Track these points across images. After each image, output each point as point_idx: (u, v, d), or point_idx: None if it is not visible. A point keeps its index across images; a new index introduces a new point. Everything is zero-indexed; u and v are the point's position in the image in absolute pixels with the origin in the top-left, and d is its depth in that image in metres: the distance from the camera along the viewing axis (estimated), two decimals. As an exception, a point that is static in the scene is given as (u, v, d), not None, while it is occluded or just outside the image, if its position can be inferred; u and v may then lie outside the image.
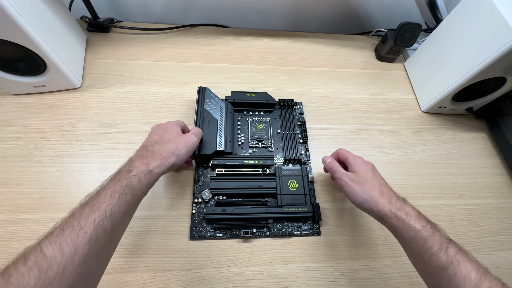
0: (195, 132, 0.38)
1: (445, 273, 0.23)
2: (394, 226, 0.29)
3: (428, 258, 0.25)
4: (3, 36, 0.37)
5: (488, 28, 0.42)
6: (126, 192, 0.27)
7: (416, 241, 0.26)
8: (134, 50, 0.56)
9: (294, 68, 0.59)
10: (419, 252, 0.26)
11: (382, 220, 0.31)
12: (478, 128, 0.56)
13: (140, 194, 0.29)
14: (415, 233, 0.27)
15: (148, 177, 0.30)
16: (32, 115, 0.45)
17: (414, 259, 0.29)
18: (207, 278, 0.37)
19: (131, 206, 0.28)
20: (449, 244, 0.25)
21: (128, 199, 0.27)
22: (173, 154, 0.32)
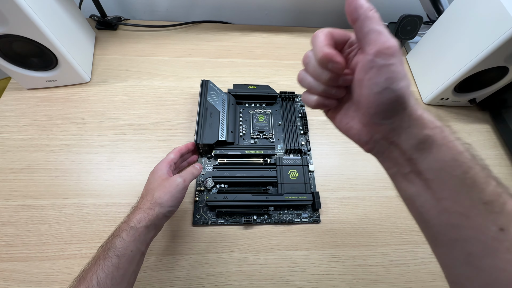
0: (186, 172, 0.35)
1: (487, 211, 0.16)
2: (431, 139, 0.18)
3: (468, 189, 0.17)
4: (19, 32, 0.39)
5: (488, 17, 0.42)
6: (110, 255, 0.26)
7: (457, 166, 0.17)
8: (140, 46, 0.58)
9: (296, 62, 0.60)
10: (456, 183, 0.17)
11: (413, 128, 0.18)
12: (481, 120, 0.56)
13: (130, 253, 0.27)
14: (459, 152, 0.18)
15: (132, 233, 0.28)
16: (44, 108, 0.48)
17: (434, 192, 0.18)
18: (209, 263, 0.38)
19: (122, 269, 0.27)
20: (489, 170, 0.18)
21: (115, 262, 0.26)
22: (155, 204, 0.31)
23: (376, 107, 0.19)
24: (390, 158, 0.21)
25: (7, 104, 0.47)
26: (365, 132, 0.21)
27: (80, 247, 0.37)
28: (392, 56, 0.17)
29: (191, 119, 0.49)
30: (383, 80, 0.17)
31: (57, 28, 0.43)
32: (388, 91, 0.18)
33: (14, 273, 0.35)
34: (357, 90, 0.20)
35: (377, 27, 0.18)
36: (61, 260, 0.36)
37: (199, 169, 0.37)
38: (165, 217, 0.32)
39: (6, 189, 0.40)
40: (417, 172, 0.19)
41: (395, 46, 0.17)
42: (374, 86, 0.18)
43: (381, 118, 0.19)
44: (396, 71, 0.17)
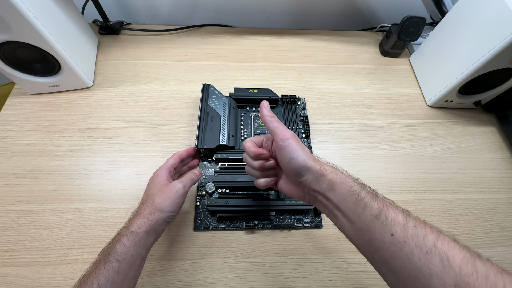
0: (186, 178, 0.35)
1: (378, 222, 0.22)
2: (332, 182, 0.26)
3: (362, 209, 0.24)
4: (23, 39, 0.39)
5: (493, 18, 0.41)
6: (111, 260, 0.27)
7: (351, 194, 0.25)
8: (142, 50, 0.58)
9: (297, 65, 0.60)
10: (354, 206, 0.24)
11: (320, 177, 0.27)
12: (487, 122, 0.55)
13: (130, 258, 0.28)
14: (350, 186, 0.25)
15: (132, 238, 0.29)
16: (47, 113, 0.48)
17: (347, 217, 0.25)
18: (210, 268, 0.38)
19: (122, 273, 0.27)
20: (376, 193, 0.25)
21: (115, 267, 0.27)
22: (155, 210, 0.31)
23: (291, 171, 0.28)
24: (319, 202, 0.28)
25: (11, 110, 0.48)
26: (299, 190, 0.30)
27: (82, 252, 0.37)
28: (289, 139, 0.28)
29: (193, 123, 0.49)
30: (287, 154, 0.28)
31: (59, 34, 0.43)
32: (293, 160, 0.27)
33: (17, 278, 0.35)
34: (281, 165, 0.30)
35: (277, 124, 0.29)
36: (63, 265, 0.36)
37: (199, 175, 0.38)
38: (165, 222, 0.32)
39: (9, 194, 0.40)
40: (335, 206, 0.26)
41: (289, 134, 0.28)
42: (284, 159, 0.28)
43: (298, 177, 0.28)
44: (293, 147, 0.27)
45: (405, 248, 0.20)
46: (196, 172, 0.38)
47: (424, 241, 0.20)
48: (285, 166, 0.29)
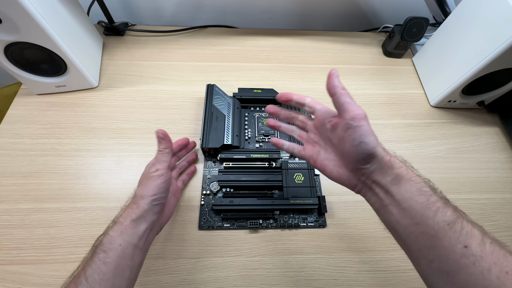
0: (154, 158, 0.34)
1: (451, 230, 0.20)
2: (400, 177, 0.24)
3: (433, 213, 0.21)
4: (30, 40, 0.40)
5: (496, 18, 0.42)
6: (97, 251, 0.26)
7: (421, 194, 0.22)
8: (147, 51, 0.59)
9: (301, 65, 0.60)
10: (423, 208, 0.22)
11: (387, 169, 0.24)
12: (490, 122, 0.55)
13: (118, 247, 0.27)
14: (421, 185, 0.23)
15: (117, 228, 0.28)
16: (53, 113, 0.49)
17: (409, 217, 0.23)
18: (214, 267, 0.38)
19: (111, 263, 0.26)
20: (447, 199, 0.23)
21: (101, 257, 0.26)
22: (137, 199, 0.30)
23: (356, 156, 0.25)
24: (374, 194, 0.26)
25: (17, 110, 0.48)
26: (353, 176, 0.27)
27: (88, 250, 0.38)
28: (362, 120, 0.24)
29: (197, 123, 0.50)
30: (358, 136, 0.24)
31: (66, 35, 0.44)
32: (363, 144, 0.24)
33: (25, 275, 0.36)
34: (341, 146, 0.27)
35: (349, 100, 0.25)
36: (70, 263, 0.37)
37: (167, 142, 0.34)
38: (154, 207, 0.30)
39: (16, 193, 0.41)
40: (395, 203, 0.24)
41: (364, 113, 0.25)
42: (352, 141, 0.25)
43: (361, 164, 0.25)
44: (366, 130, 0.24)
45: (481, 263, 0.19)
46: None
47: (505, 260, 0.19)
48: (349, 149, 0.25)
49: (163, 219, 0.34)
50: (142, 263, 0.30)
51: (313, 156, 0.30)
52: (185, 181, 0.42)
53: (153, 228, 0.31)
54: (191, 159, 0.44)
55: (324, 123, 0.29)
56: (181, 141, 0.41)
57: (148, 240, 0.30)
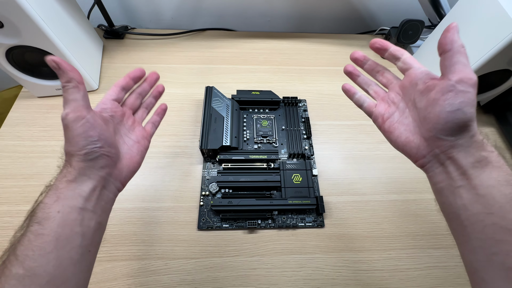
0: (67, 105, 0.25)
1: None
2: (487, 161, 0.21)
3: None
4: (31, 43, 0.41)
5: (490, 21, 0.42)
6: (30, 224, 0.21)
7: (509, 185, 0.20)
8: (146, 54, 0.59)
9: (298, 67, 0.61)
10: (506, 200, 0.20)
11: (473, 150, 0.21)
12: (486, 123, 0.55)
13: (57, 215, 0.21)
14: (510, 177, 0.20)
15: (52, 193, 0.22)
16: (54, 116, 0.49)
17: (484, 206, 0.20)
18: (214, 267, 0.38)
19: (49, 234, 0.20)
20: None
21: (35, 230, 0.20)
22: (66, 156, 0.24)
23: (444, 124, 0.21)
24: (444, 172, 0.23)
25: (18, 112, 0.49)
26: (425, 146, 0.23)
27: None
28: (471, 86, 0.21)
29: (196, 125, 0.50)
30: (457, 102, 0.21)
31: (67, 38, 0.44)
32: (460, 112, 0.21)
33: (25, 276, 0.36)
34: (428, 109, 0.23)
35: (465, 61, 0.22)
36: (70, 264, 0.37)
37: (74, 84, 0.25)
38: (93, 161, 0.24)
39: (17, 195, 0.41)
40: (470, 187, 0.21)
41: (476, 80, 0.21)
42: (448, 106, 0.21)
43: (446, 134, 0.22)
44: (470, 99, 0.21)
45: None
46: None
47: None
48: (439, 114, 0.22)
49: (120, 171, 0.26)
50: (103, 225, 0.25)
51: (384, 115, 0.27)
52: (155, 122, 0.33)
53: (106, 185, 0.25)
54: (157, 92, 0.33)
55: (416, 84, 0.25)
56: (133, 73, 0.30)
57: (103, 199, 0.25)
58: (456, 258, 0.41)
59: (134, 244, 0.39)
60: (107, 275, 0.37)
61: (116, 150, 0.26)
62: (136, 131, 0.30)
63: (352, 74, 0.32)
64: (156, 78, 0.33)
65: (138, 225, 0.40)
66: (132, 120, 0.30)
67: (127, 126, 0.29)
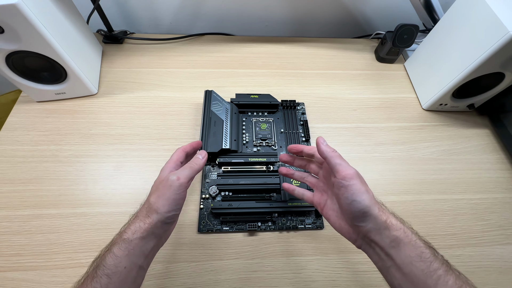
0: (183, 168, 0.30)
1: None
2: (399, 240, 0.24)
3: (434, 282, 0.21)
4: (31, 48, 0.41)
5: (482, 25, 0.44)
6: (99, 274, 0.23)
7: (422, 261, 0.22)
8: (145, 59, 0.60)
9: (296, 71, 0.62)
10: (424, 275, 0.22)
11: (383, 230, 0.25)
12: (481, 125, 0.56)
13: (123, 270, 0.24)
14: (421, 251, 0.23)
15: (124, 247, 0.25)
16: (53, 120, 0.49)
17: (410, 282, 0.23)
18: (214, 270, 0.38)
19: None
20: (448, 264, 0.23)
21: (104, 283, 0.23)
22: (151, 211, 0.27)
23: (350, 214, 0.26)
24: (375, 254, 0.26)
25: (17, 117, 0.49)
26: (352, 231, 0.28)
27: (88, 256, 0.38)
28: (352, 179, 0.26)
29: (195, 129, 0.51)
30: (349, 195, 0.26)
31: (67, 43, 0.44)
32: (355, 202, 0.25)
33: (24, 282, 0.36)
34: (338, 203, 0.28)
35: (339, 161, 0.27)
36: (70, 268, 0.37)
37: (202, 159, 0.32)
38: (166, 224, 0.28)
39: (16, 199, 0.41)
40: (396, 266, 0.24)
41: (353, 173, 0.26)
42: (345, 199, 0.26)
43: (357, 221, 0.26)
44: (357, 189, 0.25)
45: None
46: (199, 156, 0.32)
47: None
48: (344, 206, 0.27)
49: (169, 233, 0.31)
50: (142, 283, 0.28)
51: (320, 204, 0.32)
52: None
53: (159, 244, 0.29)
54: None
55: (329, 176, 0.30)
56: (195, 143, 0.36)
57: (152, 257, 0.28)
58: (453, 259, 0.41)
59: (134, 248, 0.39)
60: (107, 279, 0.37)
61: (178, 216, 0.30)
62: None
63: (287, 175, 0.37)
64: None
65: (138, 229, 0.40)
66: None
67: None
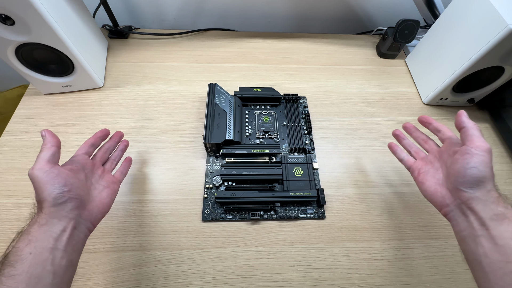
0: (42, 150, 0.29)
1: None
2: (504, 216, 0.25)
3: None
4: (41, 41, 0.42)
5: (482, 20, 0.44)
6: (2, 268, 0.23)
7: None
8: (150, 53, 0.61)
9: (298, 66, 0.63)
10: None
11: (490, 203, 0.26)
12: (481, 119, 0.57)
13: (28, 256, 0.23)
14: None
15: (24, 238, 0.24)
16: (60, 112, 0.50)
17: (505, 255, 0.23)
18: (218, 257, 0.39)
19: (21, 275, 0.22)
20: None
21: (7, 272, 0.22)
22: (38, 204, 0.27)
23: (463, 177, 0.27)
24: (466, 221, 0.27)
25: (25, 109, 0.50)
26: (449, 196, 0.29)
27: (94, 242, 0.39)
28: (484, 151, 0.27)
29: (199, 121, 0.51)
30: (473, 162, 0.27)
31: (74, 36, 0.45)
32: (475, 169, 0.26)
33: (33, 267, 0.37)
34: (452, 166, 0.29)
35: (478, 134, 0.28)
36: (77, 254, 0.38)
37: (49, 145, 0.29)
38: (63, 205, 0.26)
39: (25, 188, 0.42)
40: (489, 237, 0.25)
41: (488, 147, 0.27)
42: (465, 164, 0.27)
43: (465, 186, 0.27)
44: (484, 161, 0.27)
45: None
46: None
47: None
48: (459, 169, 0.27)
49: (91, 213, 0.29)
50: (74, 264, 0.27)
51: (420, 169, 0.33)
52: (124, 171, 0.38)
53: (76, 226, 0.27)
54: (123, 146, 0.40)
55: (449, 148, 0.31)
56: (99, 133, 0.37)
57: (74, 239, 0.26)
58: (454, 248, 0.42)
59: (140, 235, 0.40)
60: (114, 265, 0.38)
61: (85, 193, 0.29)
62: (106, 178, 0.34)
63: (398, 136, 0.39)
64: (121, 135, 0.40)
65: (144, 217, 0.41)
66: (101, 170, 0.34)
67: (97, 175, 0.33)
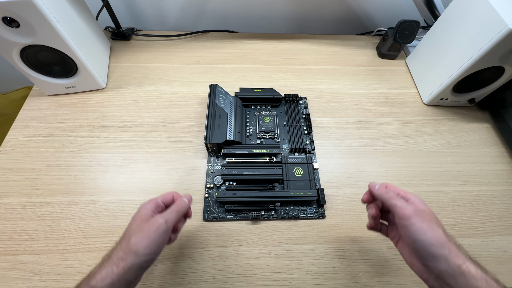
0: (169, 210, 0.29)
1: None
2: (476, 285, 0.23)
3: None
4: (45, 43, 0.42)
5: (482, 20, 0.44)
6: None
7: None
8: (152, 55, 0.62)
9: (299, 67, 0.63)
10: None
11: (458, 276, 0.23)
12: (481, 119, 0.57)
13: None
14: None
15: None
16: (64, 112, 0.51)
17: None
18: (219, 256, 0.40)
19: None
20: None
21: None
22: (128, 253, 0.25)
23: (416, 253, 0.25)
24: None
25: (29, 110, 0.51)
26: (424, 271, 0.26)
27: (97, 241, 0.39)
28: (409, 219, 0.25)
29: (200, 121, 0.52)
30: (411, 234, 0.25)
31: (78, 38, 0.46)
32: (418, 241, 0.25)
33: (37, 265, 0.37)
34: (405, 241, 0.28)
35: (394, 202, 0.27)
36: (80, 253, 0.38)
37: (188, 202, 0.31)
38: (141, 269, 0.26)
39: (29, 187, 0.43)
40: None
41: (409, 213, 0.26)
42: (407, 239, 0.26)
43: (425, 261, 0.25)
44: (417, 228, 0.25)
45: None
46: (185, 199, 0.31)
47: None
48: (409, 245, 0.26)
49: (139, 280, 0.28)
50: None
51: (394, 238, 0.31)
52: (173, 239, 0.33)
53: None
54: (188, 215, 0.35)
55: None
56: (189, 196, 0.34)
57: None
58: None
59: (142, 234, 0.40)
60: (116, 263, 0.38)
61: None
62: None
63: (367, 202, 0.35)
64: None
65: (145, 216, 0.42)
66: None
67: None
